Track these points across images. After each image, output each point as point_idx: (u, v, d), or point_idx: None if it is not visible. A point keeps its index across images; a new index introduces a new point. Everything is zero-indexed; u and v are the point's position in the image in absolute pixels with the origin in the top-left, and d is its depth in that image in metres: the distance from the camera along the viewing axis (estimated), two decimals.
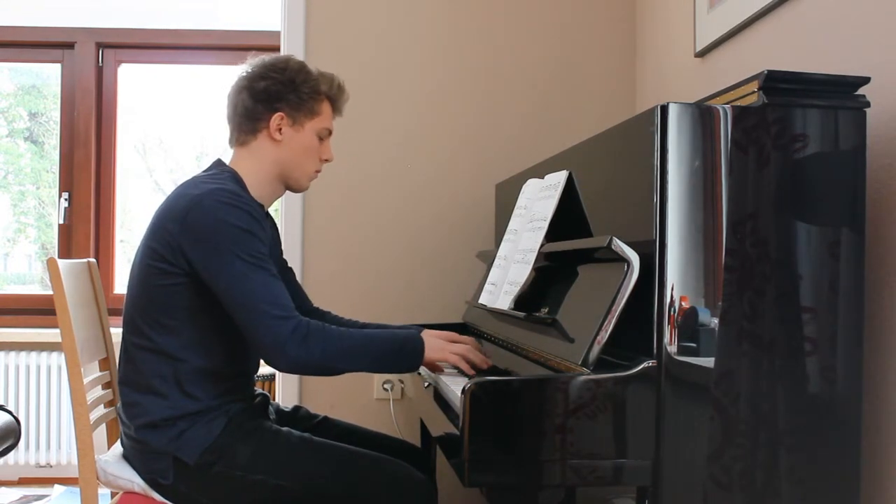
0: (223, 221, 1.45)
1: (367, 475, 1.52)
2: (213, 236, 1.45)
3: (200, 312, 1.51)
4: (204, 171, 1.64)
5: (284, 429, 1.58)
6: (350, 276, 2.53)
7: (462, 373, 1.61)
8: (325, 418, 1.83)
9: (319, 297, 2.49)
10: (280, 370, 1.49)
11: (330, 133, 1.69)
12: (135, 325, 1.54)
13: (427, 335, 1.57)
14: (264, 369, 2.83)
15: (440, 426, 1.46)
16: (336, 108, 1.70)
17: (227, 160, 1.67)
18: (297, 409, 1.85)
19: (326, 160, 1.71)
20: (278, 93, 1.60)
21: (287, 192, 1.73)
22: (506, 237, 1.84)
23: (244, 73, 1.63)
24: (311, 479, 1.50)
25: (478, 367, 1.57)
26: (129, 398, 1.54)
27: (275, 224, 1.81)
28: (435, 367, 1.63)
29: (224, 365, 1.55)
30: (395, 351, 1.52)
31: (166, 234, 1.49)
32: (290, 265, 1.92)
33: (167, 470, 1.48)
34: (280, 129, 1.61)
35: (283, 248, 2.54)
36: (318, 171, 1.71)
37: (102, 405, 1.85)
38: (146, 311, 1.52)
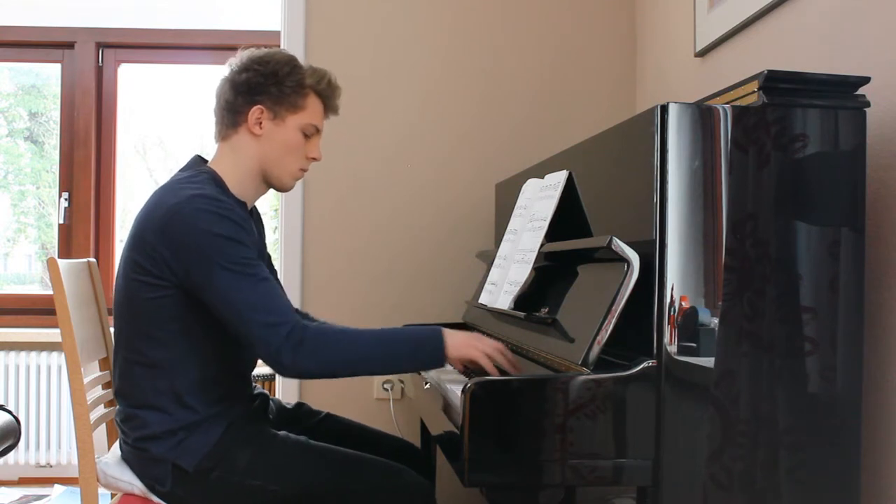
0: (204, 231, 1.40)
1: (366, 480, 1.50)
2: (195, 247, 1.40)
3: (191, 323, 1.47)
4: (181, 171, 1.58)
5: (282, 433, 1.56)
6: (350, 277, 2.53)
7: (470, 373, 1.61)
8: (328, 415, 1.81)
9: (319, 298, 2.50)
10: (284, 377, 1.44)
11: (318, 130, 1.61)
12: (126, 340, 1.51)
13: (449, 331, 1.47)
14: (263, 369, 2.83)
15: (440, 426, 1.46)
16: (328, 106, 1.62)
17: (209, 155, 1.62)
18: (299, 405, 1.83)
19: (313, 159, 1.63)
20: (259, 85, 1.54)
21: (283, 193, 1.68)
22: (506, 237, 1.84)
23: (231, 65, 1.58)
24: (309, 485, 1.48)
25: (504, 370, 1.44)
26: (127, 412, 1.51)
27: (260, 220, 1.75)
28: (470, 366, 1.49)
29: (220, 371, 1.53)
30: (411, 354, 1.45)
31: (147, 247, 1.45)
32: (289, 267, 1.90)
33: (165, 476, 1.46)
34: (260, 123, 1.55)
35: (282, 249, 2.53)
36: (303, 170, 1.63)
37: (102, 405, 1.85)
38: (136, 326, 1.49)
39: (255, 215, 1.72)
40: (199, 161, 1.62)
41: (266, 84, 1.54)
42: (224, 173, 1.56)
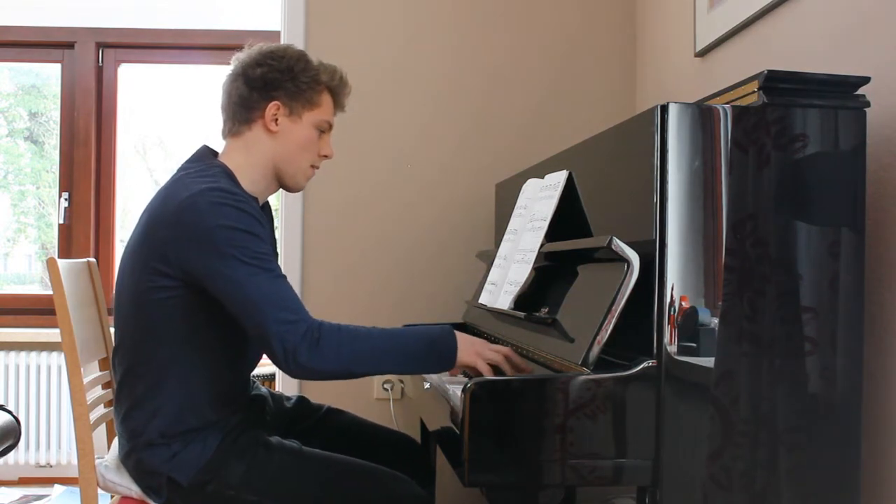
0: (219, 224, 1.36)
1: (362, 493, 1.49)
2: (210, 241, 1.35)
3: (198, 324, 1.44)
4: (189, 162, 1.54)
5: (275, 440, 1.52)
6: (350, 277, 2.53)
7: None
8: (329, 411, 1.80)
9: (320, 298, 2.50)
10: (294, 378, 1.39)
11: (330, 127, 1.59)
12: (129, 339, 1.48)
13: (459, 333, 1.44)
14: (263, 369, 2.83)
15: (440, 425, 1.46)
16: (338, 103, 1.60)
17: (215, 149, 1.60)
18: (300, 400, 1.80)
19: (325, 156, 1.61)
20: (275, 80, 1.51)
21: (294, 193, 1.65)
22: (506, 237, 1.84)
23: (241, 60, 1.54)
24: (304, 500, 1.46)
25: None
26: (126, 414, 1.48)
27: (271, 216, 1.73)
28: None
29: (223, 376, 1.50)
30: (425, 351, 1.41)
31: (158, 243, 1.40)
32: (289, 267, 1.89)
33: (161, 488, 1.44)
34: (276, 120, 1.52)
35: (282, 249, 2.53)
36: (315, 168, 1.60)
37: (102, 405, 1.85)
38: (141, 325, 1.45)
39: (266, 211, 1.68)
40: (208, 153, 1.58)
41: (282, 79, 1.51)
42: (236, 170, 1.52)
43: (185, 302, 1.42)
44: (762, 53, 1.77)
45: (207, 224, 1.36)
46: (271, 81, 1.51)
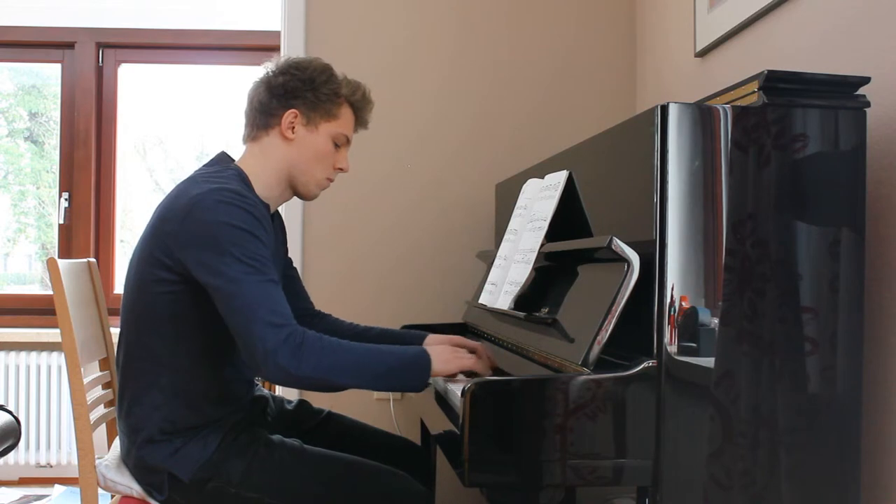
0: (223, 222, 1.38)
1: (362, 489, 1.50)
2: (211, 237, 1.37)
3: (201, 321, 1.45)
4: (206, 166, 1.58)
5: (277, 438, 1.54)
6: (350, 277, 2.53)
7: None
8: (329, 415, 1.81)
9: (320, 298, 2.49)
10: (270, 381, 1.39)
11: (348, 141, 1.62)
12: (132, 335, 1.49)
13: (433, 348, 1.48)
14: None
15: (440, 426, 1.46)
16: (360, 118, 1.64)
17: (233, 155, 1.62)
18: (301, 403, 1.82)
19: (340, 169, 1.63)
20: (295, 89, 1.55)
21: (307, 201, 1.68)
22: (506, 237, 1.84)
23: (268, 68, 1.59)
24: (305, 497, 1.47)
25: (501, 370, 1.53)
26: (127, 410, 1.49)
27: (282, 222, 1.76)
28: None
29: (221, 376, 1.51)
30: (401, 370, 1.43)
31: (165, 237, 1.42)
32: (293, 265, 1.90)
33: (162, 485, 1.45)
34: (293, 128, 1.55)
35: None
36: (329, 180, 1.64)
37: (102, 405, 1.85)
38: (145, 319, 1.47)
39: (276, 220, 1.71)
40: (225, 157, 1.61)
41: (302, 89, 1.55)
42: (251, 173, 1.55)
43: (185, 297, 1.43)
44: (762, 53, 1.77)
45: (210, 220, 1.38)
46: (291, 90, 1.55)
